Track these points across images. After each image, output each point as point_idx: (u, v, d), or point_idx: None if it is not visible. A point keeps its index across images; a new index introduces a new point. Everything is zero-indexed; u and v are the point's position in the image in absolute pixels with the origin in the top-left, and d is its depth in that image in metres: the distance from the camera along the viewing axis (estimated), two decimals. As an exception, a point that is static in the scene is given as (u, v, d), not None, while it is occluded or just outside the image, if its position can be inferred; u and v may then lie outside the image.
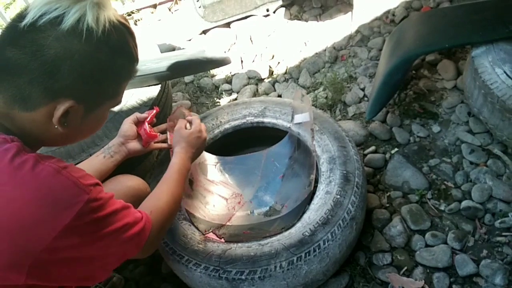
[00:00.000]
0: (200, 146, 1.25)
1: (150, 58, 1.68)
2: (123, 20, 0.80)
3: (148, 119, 1.30)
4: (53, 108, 0.74)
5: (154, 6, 2.90)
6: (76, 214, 0.71)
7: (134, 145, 1.27)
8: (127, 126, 1.27)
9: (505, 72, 1.48)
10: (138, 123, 1.31)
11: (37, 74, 0.70)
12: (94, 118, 0.83)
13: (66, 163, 0.77)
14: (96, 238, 0.76)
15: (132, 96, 1.61)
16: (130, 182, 1.27)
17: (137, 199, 1.24)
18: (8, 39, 0.72)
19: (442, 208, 1.53)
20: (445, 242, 1.43)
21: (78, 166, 1.21)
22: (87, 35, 0.72)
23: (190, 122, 1.28)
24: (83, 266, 0.78)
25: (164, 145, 1.38)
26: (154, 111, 1.34)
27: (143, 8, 2.89)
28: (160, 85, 1.66)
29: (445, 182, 1.60)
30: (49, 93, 0.72)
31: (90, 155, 1.43)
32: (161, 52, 1.84)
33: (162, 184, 1.08)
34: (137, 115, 1.31)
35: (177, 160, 1.16)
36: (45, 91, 0.72)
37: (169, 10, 2.88)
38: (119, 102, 0.87)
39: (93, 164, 1.21)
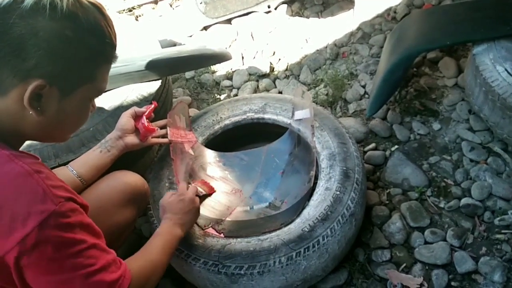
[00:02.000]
0: (186, 210, 1.13)
1: (150, 53, 1.68)
2: (93, 0, 0.77)
3: (146, 113, 1.30)
4: (24, 91, 0.70)
5: (155, 1, 2.89)
6: (39, 224, 0.66)
7: (132, 139, 1.27)
8: (125, 119, 1.27)
9: (506, 70, 1.48)
10: (136, 117, 1.30)
11: (3, 54, 0.68)
12: (72, 105, 0.78)
13: (46, 169, 0.73)
14: (54, 262, 0.69)
15: (132, 91, 1.61)
16: (128, 178, 1.25)
17: (134, 197, 1.24)
18: None
19: (441, 205, 1.53)
20: (444, 239, 1.43)
21: (74, 161, 1.20)
22: (51, 11, 0.69)
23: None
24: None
25: (163, 140, 1.38)
26: (153, 105, 1.34)
27: (144, 3, 2.88)
28: (160, 81, 1.66)
29: (445, 180, 1.60)
30: (18, 73, 0.70)
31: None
32: (162, 47, 1.84)
33: (143, 250, 0.98)
34: (135, 109, 1.30)
35: (160, 227, 1.08)
36: (13, 72, 0.69)
37: (170, 6, 2.88)
38: (100, 89, 0.82)
39: (89, 159, 1.19)
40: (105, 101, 1.54)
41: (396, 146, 1.74)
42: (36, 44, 0.69)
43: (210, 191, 1.43)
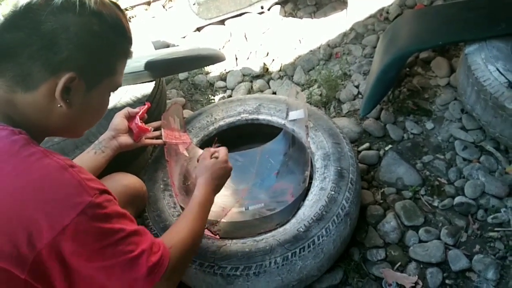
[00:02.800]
0: (225, 177, 1.17)
1: (144, 55, 1.67)
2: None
3: (140, 113, 1.30)
4: (54, 85, 0.74)
5: (148, 3, 2.89)
6: (77, 216, 0.68)
7: (125, 139, 1.27)
8: (118, 119, 1.27)
9: (497, 69, 1.50)
10: (130, 118, 1.30)
11: (35, 49, 0.72)
12: (95, 99, 0.82)
13: (77, 164, 0.75)
14: (95, 252, 0.71)
15: (126, 93, 1.60)
16: (126, 180, 1.26)
17: (133, 198, 1.24)
18: (8, 24, 0.74)
19: (435, 204, 1.54)
20: (439, 238, 1.44)
21: None
22: (80, 8, 0.74)
23: (216, 152, 1.21)
24: (82, 282, 0.72)
25: (158, 141, 1.38)
26: (146, 106, 1.34)
27: (137, 5, 2.87)
28: (154, 82, 1.66)
29: (439, 179, 1.61)
30: (49, 67, 0.73)
31: (84, 152, 1.43)
32: (155, 49, 1.83)
33: (183, 218, 1.00)
34: (128, 109, 1.31)
35: (199, 192, 1.08)
36: (45, 66, 0.73)
37: (163, 7, 2.87)
38: (118, 84, 0.86)
39: (84, 160, 1.19)
40: (99, 103, 1.53)
41: (389, 146, 1.75)
42: (67, 38, 0.73)
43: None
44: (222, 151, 1.20)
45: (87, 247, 0.70)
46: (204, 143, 1.56)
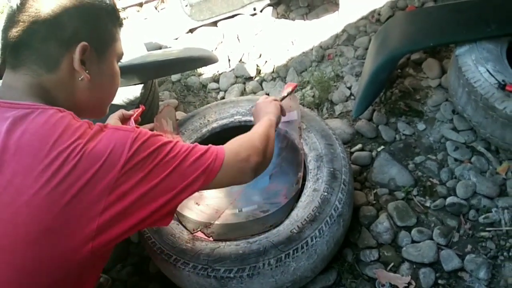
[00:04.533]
0: (276, 109, 1.27)
1: (136, 56, 1.67)
2: None
3: (134, 116, 1.30)
4: (71, 58, 0.81)
5: (140, 4, 2.88)
6: (128, 151, 0.76)
7: None
8: (113, 121, 1.27)
9: (488, 71, 1.51)
10: (124, 120, 1.30)
11: (44, 32, 0.79)
12: (107, 67, 0.90)
13: (107, 123, 0.85)
14: (158, 165, 0.80)
15: (118, 95, 1.59)
16: None
17: None
18: (10, 21, 0.80)
19: (427, 204, 1.55)
20: (431, 238, 1.45)
21: None
22: None
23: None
24: (163, 196, 0.81)
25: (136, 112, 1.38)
26: (140, 109, 1.33)
27: (129, 6, 2.86)
28: (146, 84, 1.65)
29: (431, 179, 1.62)
30: (63, 43, 0.80)
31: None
32: (148, 50, 1.83)
33: (250, 133, 1.09)
34: (123, 112, 1.31)
35: (263, 120, 1.17)
36: (58, 43, 0.80)
37: (156, 8, 2.86)
38: (121, 51, 0.93)
39: None
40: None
41: (382, 147, 1.76)
42: (68, 14, 0.80)
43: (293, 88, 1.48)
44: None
45: (148, 166, 0.79)
46: (197, 145, 1.56)
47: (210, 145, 0.92)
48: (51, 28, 0.80)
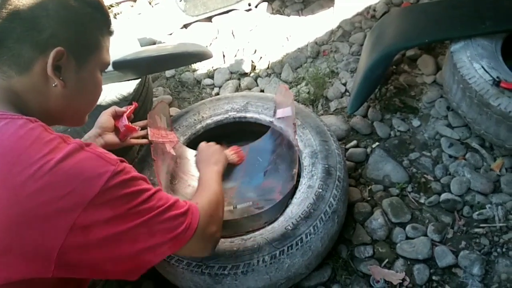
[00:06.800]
0: (216, 155, 1.32)
1: (129, 52, 1.65)
2: None
3: (127, 113, 1.28)
4: (45, 63, 0.76)
5: (134, -1, 2.85)
6: (104, 184, 0.70)
7: (111, 137, 1.26)
8: (105, 117, 1.26)
9: (482, 67, 1.51)
10: (116, 116, 1.29)
11: (19, 32, 0.75)
12: (87, 76, 0.84)
13: (89, 142, 0.78)
14: (131, 211, 0.74)
15: (111, 91, 1.58)
16: None
17: None
18: None
19: (422, 201, 1.55)
20: (425, 234, 1.45)
21: None
22: None
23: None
24: (126, 246, 0.74)
25: (143, 140, 1.37)
26: (133, 106, 1.32)
27: (123, 1, 2.84)
28: (140, 80, 1.63)
29: (425, 176, 1.62)
30: (37, 45, 0.75)
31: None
32: (142, 46, 1.81)
33: (197, 190, 1.09)
34: (115, 108, 1.29)
35: (203, 171, 1.20)
36: (32, 46, 0.75)
37: (149, 3, 2.84)
38: (106, 61, 0.88)
39: None
40: (83, 101, 1.50)
41: (377, 143, 1.76)
42: (48, 15, 0.76)
43: (239, 161, 1.50)
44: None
45: (118, 207, 0.72)
46: (191, 142, 1.55)
47: (190, 203, 0.87)
48: (28, 28, 0.75)
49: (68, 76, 0.80)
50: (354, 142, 1.78)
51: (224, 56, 2.36)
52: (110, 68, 1.54)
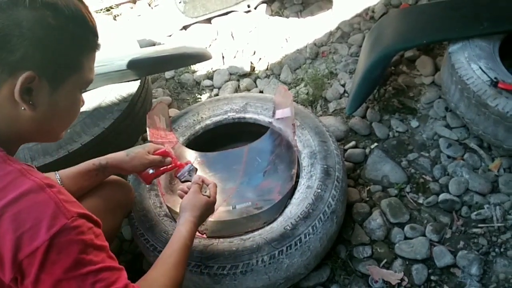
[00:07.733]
0: (209, 214, 1.11)
1: (129, 53, 1.66)
2: None
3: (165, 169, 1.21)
4: (13, 86, 0.69)
5: (134, 1, 2.85)
6: (49, 238, 0.64)
7: (134, 169, 1.17)
8: (150, 159, 1.16)
9: (480, 68, 1.52)
10: (151, 163, 1.17)
11: None
12: (63, 98, 0.76)
13: (57, 184, 0.71)
14: (63, 283, 0.66)
15: (111, 92, 1.58)
16: (116, 184, 1.21)
17: (120, 203, 1.22)
18: None
19: (420, 201, 1.56)
20: (424, 235, 1.46)
21: (64, 170, 1.10)
22: (30, 1, 0.68)
23: (206, 185, 1.14)
24: None
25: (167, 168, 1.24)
26: (171, 166, 1.22)
27: (122, 3, 2.84)
28: (139, 81, 1.64)
29: (423, 176, 1.63)
30: (6, 67, 0.69)
31: (68, 152, 1.41)
32: (141, 47, 1.82)
33: (163, 262, 0.91)
34: (157, 161, 1.17)
35: (185, 230, 0.98)
36: (1, 66, 0.68)
37: (149, 5, 2.84)
38: (88, 80, 0.80)
39: (80, 175, 1.09)
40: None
41: (375, 144, 1.76)
42: (20, 34, 0.68)
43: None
44: (212, 188, 1.13)
45: (53, 274, 0.65)
46: (191, 142, 1.55)
47: None
48: None
49: (40, 99, 0.72)
50: (352, 143, 1.78)
51: (223, 57, 2.36)
52: (110, 68, 1.55)
